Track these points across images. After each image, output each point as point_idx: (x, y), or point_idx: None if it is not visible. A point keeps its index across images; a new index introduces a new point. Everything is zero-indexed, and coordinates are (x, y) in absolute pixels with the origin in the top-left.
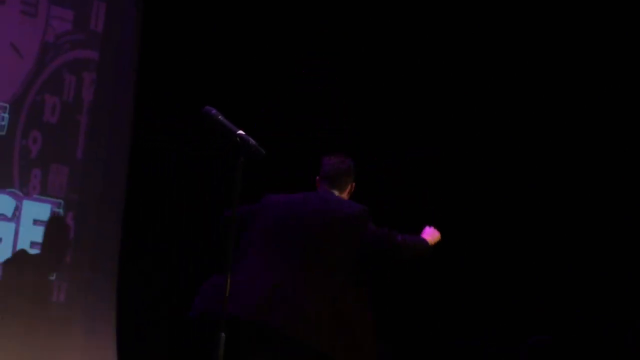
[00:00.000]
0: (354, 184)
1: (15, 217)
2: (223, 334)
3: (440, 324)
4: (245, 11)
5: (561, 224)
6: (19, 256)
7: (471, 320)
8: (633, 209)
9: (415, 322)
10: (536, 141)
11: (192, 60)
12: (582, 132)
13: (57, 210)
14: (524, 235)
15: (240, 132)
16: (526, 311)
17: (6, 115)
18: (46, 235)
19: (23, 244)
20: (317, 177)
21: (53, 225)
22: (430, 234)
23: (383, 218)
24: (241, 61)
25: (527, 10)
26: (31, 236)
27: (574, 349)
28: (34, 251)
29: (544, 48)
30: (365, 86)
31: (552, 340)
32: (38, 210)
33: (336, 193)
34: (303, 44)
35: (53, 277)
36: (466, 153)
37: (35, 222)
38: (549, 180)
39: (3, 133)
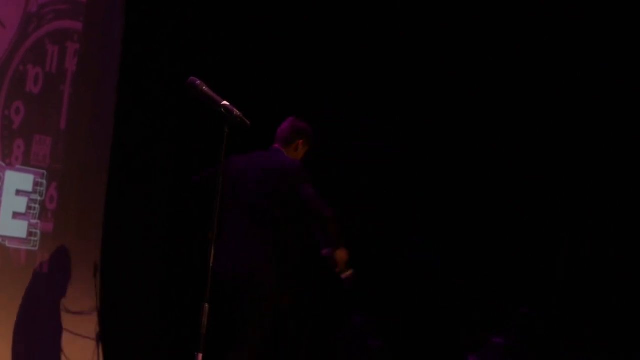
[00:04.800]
0: (301, 141)
1: None
2: (207, 305)
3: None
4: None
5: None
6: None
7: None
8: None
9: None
10: (534, 143)
11: (177, 28)
12: (578, 132)
13: (40, 180)
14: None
15: (225, 102)
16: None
17: None
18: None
19: (6, 214)
20: None
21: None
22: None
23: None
24: (224, 38)
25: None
26: (14, 207)
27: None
28: (16, 221)
29: (538, 47)
30: (362, 82)
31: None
32: (21, 180)
33: (282, 149)
34: (299, 42)
35: (36, 248)
36: (464, 151)
37: (18, 192)
38: (554, 180)
39: None
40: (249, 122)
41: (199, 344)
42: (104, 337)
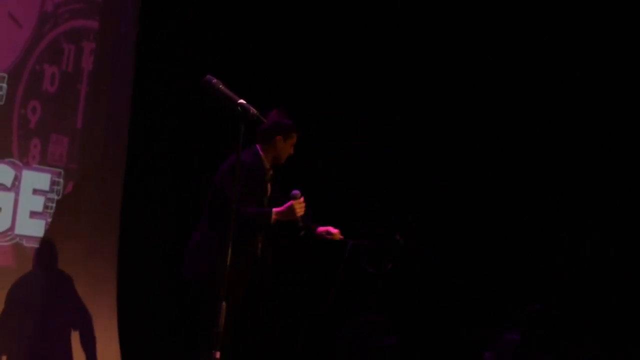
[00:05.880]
0: (279, 137)
1: (15, 186)
2: (224, 303)
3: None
4: None
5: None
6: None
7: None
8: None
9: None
10: (534, 143)
11: (191, 26)
12: (578, 132)
13: (57, 179)
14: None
15: (241, 100)
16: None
17: (4, 85)
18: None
19: (23, 214)
20: None
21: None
22: (284, 208)
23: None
24: (234, 36)
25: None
26: (31, 206)
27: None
28: (33, 220)
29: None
30: (362, 82)
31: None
32: (38, 180)
33: (259, 147)
34: (299, 42)
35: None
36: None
37: (35, 191)
38: (554, 180)
39: (2, 103)
40: (265, 121)
41: (216, 342)
42: (120, 334)
